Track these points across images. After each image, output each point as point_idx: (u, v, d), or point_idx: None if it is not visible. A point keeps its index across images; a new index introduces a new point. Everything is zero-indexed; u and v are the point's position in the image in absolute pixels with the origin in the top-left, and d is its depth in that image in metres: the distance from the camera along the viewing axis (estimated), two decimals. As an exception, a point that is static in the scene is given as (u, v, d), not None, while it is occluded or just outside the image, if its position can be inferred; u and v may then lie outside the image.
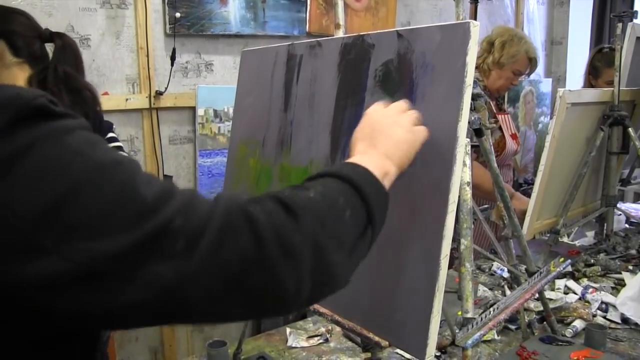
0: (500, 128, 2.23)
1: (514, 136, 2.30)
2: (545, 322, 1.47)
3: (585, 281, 1.81)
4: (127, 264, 0.50)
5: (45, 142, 0.50)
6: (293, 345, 1.48)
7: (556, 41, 4.24)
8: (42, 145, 0.50)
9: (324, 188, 0.63)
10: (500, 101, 2.35)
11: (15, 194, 0.48)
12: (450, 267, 0.88)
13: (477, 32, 0.84)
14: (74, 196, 0.49)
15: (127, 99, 2.33)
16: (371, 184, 0.67)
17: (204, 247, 0.52)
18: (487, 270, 1.93)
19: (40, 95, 0.53)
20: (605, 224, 2.13)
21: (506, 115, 2.34)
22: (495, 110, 2.24)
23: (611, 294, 1.68)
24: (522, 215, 1.74)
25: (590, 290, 1.70)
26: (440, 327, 0.87)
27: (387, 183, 0.72)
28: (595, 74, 2.60)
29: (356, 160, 0.72)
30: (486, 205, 1.57)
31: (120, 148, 1.55)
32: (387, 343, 0.92)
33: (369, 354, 1.01)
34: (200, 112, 2.52)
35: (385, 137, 0.79)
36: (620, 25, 1.93)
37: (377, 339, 0.93)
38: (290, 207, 0.57)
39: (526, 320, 1.47)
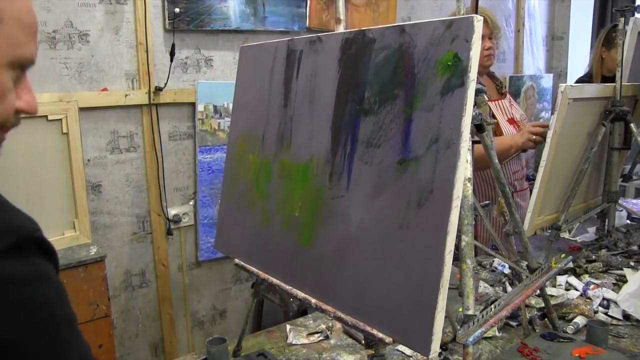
0: (492, 115, 2.12)
1: (511, 121, 2.19)
2: (546, 319, 1.47)
3: (586, 277, 1.80)
4: None
5: (31, 283, 0.56)
6: (293, 342, 1.48)
7: (557, 36, 4.23)
8: (31, 284, 0.56)
9: None
10: (498, 84, 2.27)
11: None
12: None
13: (481, 26, 0.83)
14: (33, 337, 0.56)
15: (126, 95, 2.32)
16: None
17: None
18: (488, 266, 1.93)
19: (37, 229, 0.60)
20: (607, 220, 2.12)
21: (500, 101, 2.23)
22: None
23: (613, 290, 1.67)
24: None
25: (592, 286, 1.69)
26: (442, 324, 0.86)
27: None
28: (608, 45, 2.71)
29: None
30: (487, 202, 1.56)
31: None
32: (391, 339, 0.91)
33: (371, 351, 1.00)
34: (200, 107, 2.51)
35: None
36: (622, 20, 1.92)
37: (381, 335, 0.92)
38: None
39: (527, 317, 1.46)
